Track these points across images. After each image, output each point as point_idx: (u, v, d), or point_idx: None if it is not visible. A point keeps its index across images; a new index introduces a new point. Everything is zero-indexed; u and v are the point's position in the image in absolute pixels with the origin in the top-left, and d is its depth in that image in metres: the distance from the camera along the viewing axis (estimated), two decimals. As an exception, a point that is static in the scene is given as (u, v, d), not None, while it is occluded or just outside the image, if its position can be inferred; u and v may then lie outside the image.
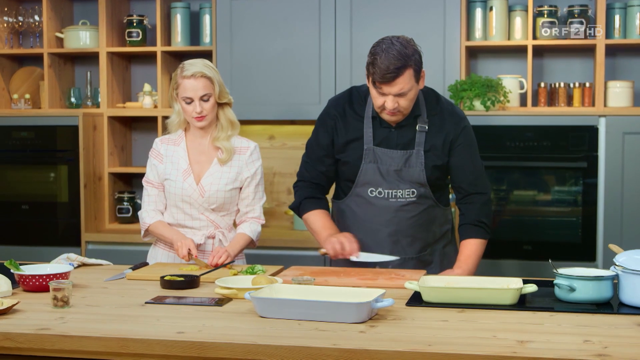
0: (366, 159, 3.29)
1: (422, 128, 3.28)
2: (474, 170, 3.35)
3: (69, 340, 2.27)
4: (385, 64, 3.08)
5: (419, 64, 3.15)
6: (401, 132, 3.29)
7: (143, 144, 5.51)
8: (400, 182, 3.28)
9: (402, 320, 2.43)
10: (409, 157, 3.27)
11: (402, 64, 3.08)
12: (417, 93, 3.22)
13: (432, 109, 3.32)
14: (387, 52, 3.09)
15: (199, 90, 3.40)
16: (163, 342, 2.22)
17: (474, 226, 3.31)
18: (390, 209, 3.30)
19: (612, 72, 4.92)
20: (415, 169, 3.27)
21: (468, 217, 3.33)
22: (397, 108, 3.17)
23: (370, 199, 3.32)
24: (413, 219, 3.32)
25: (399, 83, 3.10)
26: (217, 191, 3.46)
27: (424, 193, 3.31)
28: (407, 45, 3.13)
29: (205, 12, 5.17)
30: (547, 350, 2.10)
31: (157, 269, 3.26)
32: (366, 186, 3.31)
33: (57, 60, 5.38)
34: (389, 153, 3.28)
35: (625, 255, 2.68)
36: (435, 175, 3.30)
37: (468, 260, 3.24)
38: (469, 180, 3.34)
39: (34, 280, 2.82)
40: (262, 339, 2.21)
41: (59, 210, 5.10)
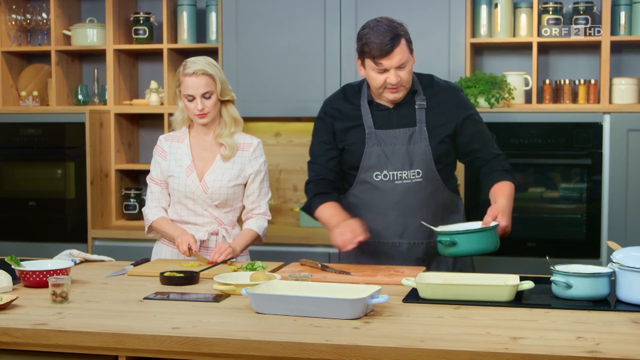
0: (369, 143, 3.28)
1: (421, 105, 3.28)
2: (489, 136, 3.37)
3: (64, 335, 2.29)
4: (380, 38, 3.14)
5: (408, 35, 3.21)
6: (400, 111, 3.29)
7: (150, 141, 5.53)
8: (405, 163, 3.25)
9: (397, 316, 2.44)
10: (412, 134, 3.26)
11: (397, 34, 3.15)
12: (412, 67, 3.25)
13: (428, 86, 3.34)
14: (376, 29, 3.17)
15: (200, 88, 3.41)
16: (158, 338, 2.24)
17: (504, 171, 3.31)
18: (397, 191, 3.27)
19: (618, 68, 4.91)
20: (421, 144, 3.25)
21: (495, 166, 3.33)
22: (399, 82, 3.18)
23: (376, 183, 3.29)
24: (420, 202, 3.27)
25: (398, 53, 3.14)
26: (220, 187, 3.48)
27: (430, 174, 3.27)
28: (393, 20, 3.22)
29: (212, 9, 5.19)
30: (539, 346, 2.11)
31: (158, 265, 3.28)
32: (371, 170, 3.29)
33: (65, 57, 5.41)
34: (391, 133, 3.27)
35: (623, 252, 2.67)
36: (441, 150, 3.27)
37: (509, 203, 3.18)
38: (487, 145, 3.34)
39: (34, 276, 2.85)
40: (256, 335, 2.22)
41: (66, 206, 5.13)
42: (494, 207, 3.12)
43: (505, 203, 3.16)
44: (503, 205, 3.14)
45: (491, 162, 3.35)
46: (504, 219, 3.07)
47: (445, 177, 3.34)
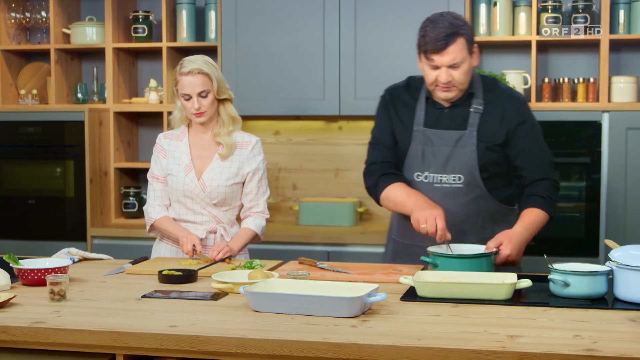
0: (415, 141, 3.20)
1: (476, 109, 3.16)
2: (542, 156, 3.19)
3: (62, 333, 2.29)
4: (436, 32, 3.04)
5: (470, 35, 3.09)
6: (454, 112, 3.18)
7: (149, 139, 5.53)
8: (446, 166, 3.15)
9: (395, 314, 2.44)
10: (460, 138, 3.14)
11: (455, 31, 3.03)
12: (471, 68, 3.12)
13: (489, 90, 3.20)
14: (437, 23, 3.07)
15: (196, 87, 3.41)
16: (155, 336, 2.24)
17: (539, 197, 3.13)
18: (435, 194, 3.15)
19: (617, 67, 4.91)
20: (466, 149, 3.13)
21: (534, 190, 3.15)
22: (451, 82, 3.08)
23: (416, 184, 3.20)
24: (458, 208, 3.15)
25: (451, 52, 3.03)
26: (218, 186, 3.48)
27: (472, 181, 3.14)
28: (458, 17, 3.10)
29: (211, 7, 5.19)
30: (536, 345, 2.11)
31: (157, 263, 3.28)
32: (413, 169, 3.21)
33: (64, 56, 5.41)
34: (439, 134, 3.17)
35: (621, 251, 2.68)
36: (488, 158, 3.14)
37: (525, 231, 3.04)
38: (534, 165, 3.17)
39: (33, 274, 2.85)
40: (254, 333, 2.22)
41: (65, 205, 5.13)
42: (503, 233, 3.01)
43: (518, 231, 3.03)
44: (514, 232, 3.02)
45: (534, 184, 3.17)
46: (509, 247, 2.96)
47: (493, 186, 3.19)
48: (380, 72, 4.86)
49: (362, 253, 4.72)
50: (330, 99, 4.93)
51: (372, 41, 4.87)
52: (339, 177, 5.35)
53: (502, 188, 3.23)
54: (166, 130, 5.14)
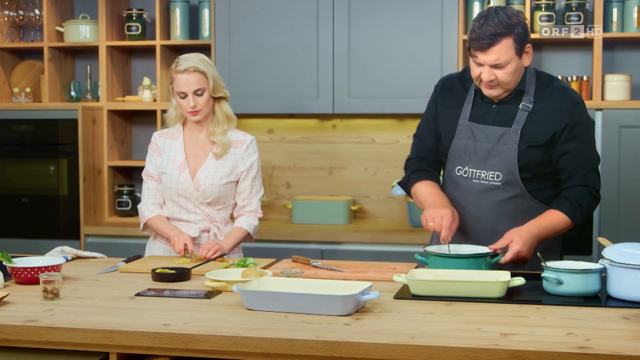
0: (459, 135, 3.13)
1: (525, 107, 3.04)
2: (585, 162, 3.05)
3: (55, 332, 2.29)
4: (483, 30, 2.92)
5: (522, 36, 2.94)
6: (502, 108, 3.08)
7: (143, 137, 5.53)
8: (486, 163, 3.06)
9: (389, 313, 2.44)
10: (503, 134, 3.04)
11: (501, 31, 2.91)
12: (519, 68, 3.00)
13: (542, 88, 3.08)
14: (487, 19, 2.93)
15: (192, 85, 3.41)
16: (148, 334, 2.24)
17: (567, 201, 3.03)
18: (472, 190, 3.10)
19: (610, 65, 4.92)
20: (508, 147, 3.03)
21: (565, 194, 3.05)
22: (494, 81, 2.98)
23: (456, 177, 3.14)
24: (493, 207, 3.08)
25: (495, 52, 2.92)
26: (212, 185, 3.48)
27: (511, 180, 3.04)
28: (512, 15, 2.94)
29: (205, 6, 5.18)
30: (529, 342, 2.11)
31: (150, 261, 3.28)
32: (455, 163, 3.14)
33: (58, 54, 5.40)
34: (483, 129, 3.08)
35: (614, 248, 2.68)
36: (530, 158, 3.03)
37: (536, 228, 2.96)
38: (575, 170, 3.04)
39: (26, 273, 2.84)
40: (247, 331, 2.22)
41: (59, 203, 5.13)
42: (513, 230, 2.96)
43: (529, 227, 2.96)
44: (524, 228, 2.96)
45: (569, 189, 3.06)
46: (519, 243, 2.89)
47: (536, 186, 3.08)
48: (373, 70, 4.87)
49: (356, 251, 4.72)
50: (324, 98, 4.93)
51: (366, 40, 4.87)
52: (333, 176, 5.35)
53: (547, 189, 3.12)
54: (160, 128, 5.14)
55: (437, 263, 2.87)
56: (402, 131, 5.23)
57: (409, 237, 4.74)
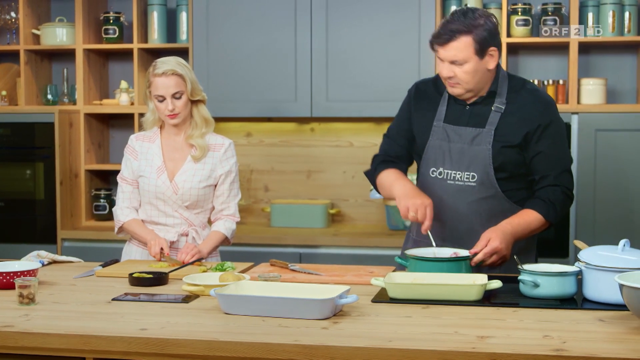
0: (433, 136, 3.16)
1: (498, 108, 3.09)
2: (558, 162, 3.09)
3: (31, 337, 2.27)
4: (446, 25, 2.98)
5: (484, 38, 2.98)
6: (475, 109, 3.12)
7: (120, 141, 5.51)
8: (461, 163, 3.10)
9: (366, 316, 2.44)
10: (477, 135, 3.08)
11: (460, 29, 2.95)
12: (480, 70, 3.02)
13: (515, 90, 3.12)
14: (454, 15, 3.00)
15: (170, 88, 3.40)
16: (125, 339, 2.23)
17: (541, 200, 3.06)
18: (447, 191, 3.12)
19: (586, 69, 4.96)
20: (482, 147, 3.07)
21: (539, 194, 3.09)
22: (454, 79, 3.02)
23: (431, 179, 3.17)
24: (469, 207, 3.11)
25: (452, 48, 2.97)
26: (191, 188, 3.47)
27: (486, 180, 3.08)
28: (480, 17, 2.99)
29: (182, 9, 5.17)
30: (505, 345, 2.12)
31: (127, 266, 3.26)
32: (429, 165, 3.17)
33: (34, 57, 5.37)
34: (457, 130, 3.12)
35: (590, 251, 2.70)
36: (504, 158, 3.06)
37: (511, 227, 2.98)
38: (548, 170, 3.07)
39: (1, 278, 2.82)
40: (224, 336, 2.22)
41: (35, 207, 5.09)
42: (489, 229, 2.98)
43: (503, 225, 2.99)
44: (499, 227, 2.98)
45: (542, 189, 3.10)
46: (497, 240, 2.92)
47: (511, 187, 3.12)
48: (352, 74, 4.87)
49: (334, 255, 4.72)
50: (302, 101, 4.93)
51: (344, 43, 4.88)
52: (311, 179, 5.35)
53: (521, 191, 3.15)
54: (137, 132, 5.11)
55: (417, 266, 2.87)
56: (381, 134, 5.17)
57: (387, 240, 4.75)
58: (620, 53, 4.95)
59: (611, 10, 4.68)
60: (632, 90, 4.94)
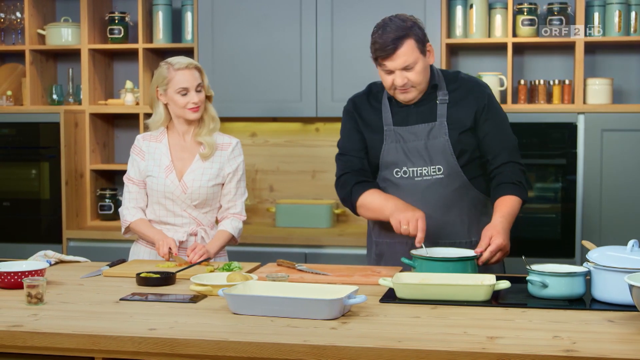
0: (387, 140, 3.21)
1: (442, 100, 3.19)
2: (507, 139, 3.22)
3: (40, 337, 2.27)
4: (384, 38, 3.07)
5: (420, 35, 3.11)
6: (420, 107, 3.21)
7: (125, 140, 5.51)
8: (425, 159, 3.17)
9: (375, 316, 2.44)
10: (431, 129, 3.17)
11: (401, 34, 3.06)
12: (426, 67, 3.14)
13: (452, 81, 3.24)
14: (384, 28, 3.10)
15: (194, 81, 3.45)
16: (134, 339, 2.22)
17: (511, 184, 3.15)
18: (417, 188, 3.18)
19: (592, 69, 4.95)
20: (440, 139, 3.15)
21: (503, 178, 3.17)
22: (407, 83, 3.10)
23: (396, 180, 3.21)
24: (443, 200, 3.18)
25: (401, 55, 3.06)
26: (200, 187, 3.47)
27: (452, 171, 3.17)
28: (406, 19, 3.14)
29: (187, 9, 5.17)
30: (515, 346, 2.11)
31: (134, 265, 3.26)
32: (391, 167, 3.21)
33: (39, 57, 5.37)
34: (410, 129, 3.19)
35: (598, 252, 2.69)
36: (463, 144, 3.16)
37: (504, 220, 3.04)
38: (501, 149, 3.19)
39: (9, 277, 2.82)
40: (233, 336, 2.21)
41: (40, 207, 5.09)
42: (486, 228, 3.02)
43: (499, 221, 3.04)
44: (496, 222, 3.03)
45: (501, 169, 3.19)
46: (500, 237, 2.97)
47: (472, 174, 3.22)
48: (357, 73, 4.86)
49: (339, 255, 4.72)
50: (307, 101, 4.93)
51: (349, 42, 4.88)
52: (316, 179, 5.35)
53: (481, 178, 3.26)
54: (142, 131, 5.12)
55: (424, 266, 2.87)
56: (385, 135, 5.23)
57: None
58: (626, 53, 4.94)
59: (617, 10, 4.68)
60: (638, 90, 4.93)
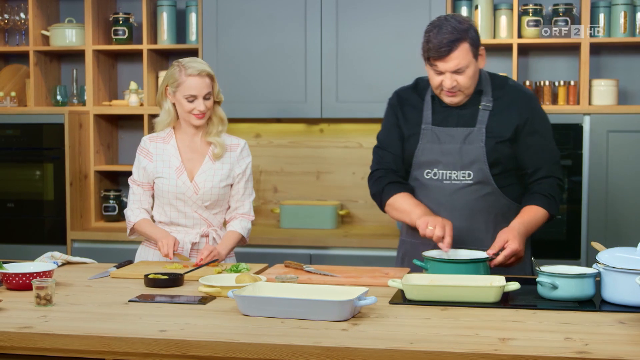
0: (423, 139, 3.18)
1: (485, 106, 3.15)
2: (548, 154, 3.17)
3: (51, 338, 2.26)
4: (439, 38, 3.01)
5: (475, 39, 3.06)
6: (462, 110, 3.16)
7: (129, 142, 5.51)
8: (456, 163, 3.13)
9: (385, 318, 2.43)
10: (469, 134, 3.13)
11: (458, 37, 3.00)
12: (476, 71, 3.10)
13: (498, 88, 3.19)
14: (440, 28, 3.03)
15: (203, 89, 3.42)
16: (145, 340, 2.22)
17: (542, 195, 3.12)
18: (444, 191, 3.16)
19: (597, 70, 4.94)
20: (475, 145, 3.11)
21: (537, 189, 3.14)
22: (456, 87, 3.07)
23: (425, 180, 3.19)
24: (468, 205, 3.14)
25: (455, 58, 3.01)
26: (212, 188, 3.47)
27: (482, 177, 3.12)
28: (463, 21, 3.06)
29: (192, 10, 5.16)
30: (528, 347, 2.11)
31: (141, 267, 3.25)
32: (423, 167, 3.19)
33: (43, 58, 5.36)
34: (447, 131, 3.15)
35: (608, 253, 2.69)
36: (499, 154, 3.12)
37: (522, 226, 3.02)
38: (540, 162, 3.15)
39: (17, 279, 2.81)
40: (245, 337, 2.21)
41: (44, 208, 5.09)
42: (503, 231, 3.00)
43: (517, 225, 3.02)
44: (513, 226, 3.01)
45: (538, 182, 3.16)
46: (515, 242, 2.94)
47: (505, 183, 3.17)
48: (362, 74, 4.87)
49: (345, 256, 4.71)
50: (312, 102, 4.92)
51: (354, 43, 4.87)
52: (320, 180, 5.34)
53: (515, 185, 3.20)
54: (147, 133, 5.11)
55: (436, 268, 2.87)
56: (390, 136, 5.22)
57: (397, 242, 4.72)
58: (631, 54, 4.94)
59: (623, 11, 4.67)
60: (643, 91, 4.94)
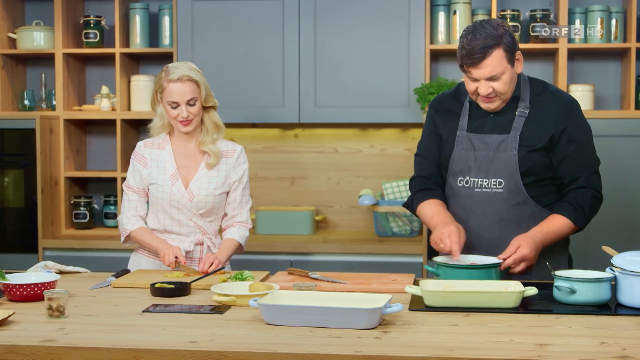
0: (458, 146, 3.13)
1: (522, 113, 3.06)
2: (586, 164, 3.08)
3: (77, 352, 2.18)
4: (472, 45, 2.93)
5: (511, 45, 2.97)
6: (498, 117, 3.09)
7: (98, 147, 5.40)
8: (488, 171, 3.07)
9: (412, 325, 2.41)
10: (502, 141, 3.06)
11: (491, 43, 2.92)
12: (513, 77, 3.02)
13: (537, 94, 3.10)
14: (474, 34, 2.94)
15: (185, 95, 3.31)
16: (177, 352, 2.15)
17: (570, 205, 3.04)
18: (475, 199, 3.10)
19: (573, 75, 5.00)
20: (508, 153, 3.04)
21: (568, 198, 3.07)
22: (492, 93, 2.99)
23: (457, 188, 3.14)
24: (498, 214, 3.07)
25: (488, 65, 2.93)
26: (207, 195, 3.39)
27: (513, 186, 3.05)
28: (498, 26, 2.97)
29: (165, 13, 5.08)
30: (568, 353, 2.10)
31: (140, 276, 3.17)
32: (456, 175, 3.14)
33: (9, 61, 5.21)
34: (482, 138, 3.09)
35: (621, 257, 2.71)
36: (532, 162, 3.04)
37: (540, 234, 2.98)
38: (579, 173, 3.06)
39: (22, 290, 2.71)
40: (281, 347, 2.16)
41: (14, 215, 4.94)
42: (519, 236, 2.97)
43: (534, 233, 2.98)
44: (529, 234, 2.98)
45: (572, 192, 3.08)
46: (527, 247, 2.91)
47: (539, 192, 3.09)
48: (340, 80, 4.84)
49: (325, 262, 4.68)
50: (289, 107, 4.88)
51: (333, 48, 4.85)
52: (295, 185, 5.30)
53: (550, 195, 3.13)
54: (119, 138, 5.01)
55: (447, 274, 2.85)
56: (365, 141, 5.22)
57: (378, 247, 4.73)
58: (605, 59, 5.00)
59: (599, 17, 4.73)
60: (616, 96, 4.99)
